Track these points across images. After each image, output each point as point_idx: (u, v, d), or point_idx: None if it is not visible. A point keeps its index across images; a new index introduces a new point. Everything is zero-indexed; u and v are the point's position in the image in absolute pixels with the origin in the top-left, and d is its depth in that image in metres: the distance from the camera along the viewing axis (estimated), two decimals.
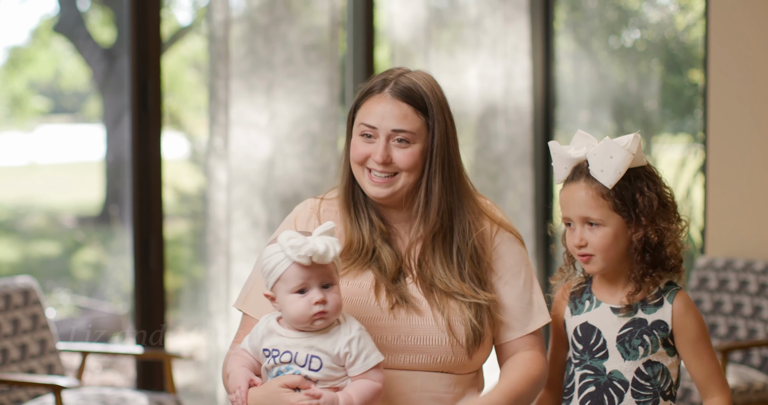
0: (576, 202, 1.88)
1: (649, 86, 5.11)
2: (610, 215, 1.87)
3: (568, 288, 2.02)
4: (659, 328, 1.89)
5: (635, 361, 1.89)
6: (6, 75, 4.81)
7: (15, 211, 4.85)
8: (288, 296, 1.87)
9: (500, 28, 4.97)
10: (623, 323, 1.90)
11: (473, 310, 2.02)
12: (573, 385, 1.96)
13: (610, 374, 1.90)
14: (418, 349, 2.00)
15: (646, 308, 1.90)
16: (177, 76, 5.19)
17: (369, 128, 2.03)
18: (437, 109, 2.05)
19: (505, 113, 5.01)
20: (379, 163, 2.01)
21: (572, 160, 1.92)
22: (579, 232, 1.89)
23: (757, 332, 4.04)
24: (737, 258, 4.23)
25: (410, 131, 2.02)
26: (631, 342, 1.89)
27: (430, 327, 2.01)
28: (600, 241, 1.87)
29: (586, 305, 1.97)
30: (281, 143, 4.23)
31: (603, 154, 1.85)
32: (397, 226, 2.11)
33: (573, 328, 1.97)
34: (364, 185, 2.05)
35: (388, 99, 2.03)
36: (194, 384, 4.64)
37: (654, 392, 1.90)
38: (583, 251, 1.89)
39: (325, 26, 4.33)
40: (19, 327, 3.56)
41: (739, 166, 4.35)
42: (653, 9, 5.22)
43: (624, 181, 1.86)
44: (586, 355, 1.94)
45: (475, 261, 2.07)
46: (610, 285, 1.95)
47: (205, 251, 4.18)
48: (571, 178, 1.92)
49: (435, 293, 2.04)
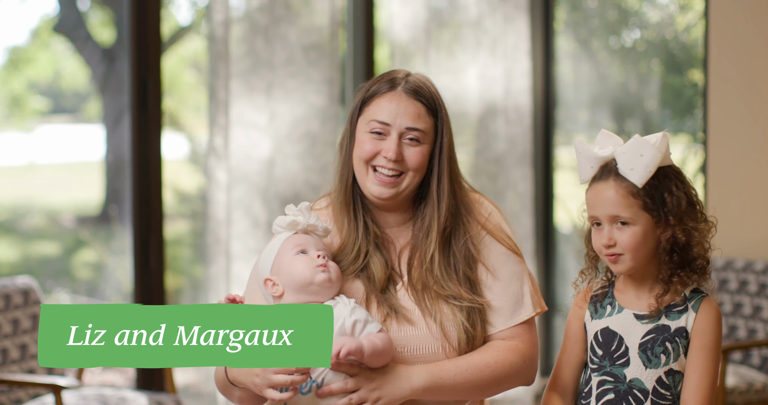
0: (605, 201, 1.86)
1: (649, 86, 5.11)
2: (640, 214, 1.85)
3: (589, 291, 1.99)
4: (681, 335, 1.86)
5: (657, 369, 1.86)
6: (6, 75, 4.81)
7: (15, 211, 4.85)
8: (290, 260, 1.96)
9: (500, 28, 4.97)
10: (646, 330, 1.87)
11: (465, 312, 2.01)
12: (590, 391, 1.93)
13: (630, 382, 1.87)
14: (413, 360, 1.99)
15: (670, 314, 1.87)
16: (177, 76, 5.19)
17: (381, 125, 2.01)
18: (444, 110, 2.07)
19: (505, 113, 5.01)
20: (391, 159, 2.00)
21: (599, 159, 1.89)
22: (608, 231, 1.86)
23: (757, 332, 4.04)
24: (737, 258, 4.23)
25: (423, 130, 2.02)
26: (654, 349, 1.86)
27: (423, 336, 2.00)
28: (629, 239, 1.84)
29: (608, 310, 1.93)
30: (281, 143, 4.23)
31: (633, 152, 1.83)
32: (389, 231, 2.10)
33: (593, 333, 1.94)
34: (366, 185, 2.03)
35: (403, 97, 2.02)
36: (194, 384, 4.63)
37: (673, 402, 1.87)
38: (611, 251, 1.86)
39: (325, 26, 4.33)
40: (19, 327, 3.56)
41: (739, 166, 4.35)
42: (653, 9, 5.22)
43: (653, 180, 1.84)
44: (606, 362, 1.91)
45: (469, 263, 2.06)
46: (635, 289, 1.91)
47: (205, 251, 4.18)
48: (598, 177, 1.88)
49: (426, 299, 2.02)
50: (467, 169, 4.99)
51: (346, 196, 2.08)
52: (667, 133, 1.88)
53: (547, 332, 5.22)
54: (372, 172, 2.03)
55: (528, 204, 5.08)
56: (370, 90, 2.06)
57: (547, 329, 5.23)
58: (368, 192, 2.04)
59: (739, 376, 3.87)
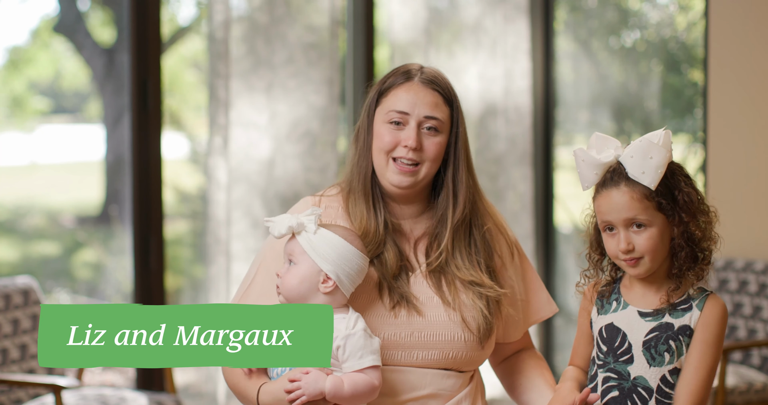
0: (620, 206, 1.85)
1: (649, 86, 5.11)
2: (656, 215, 1.85)
3: (598, 284, 2.00)
4: (685, 333, 1.87)
5: (661, 367, 1.86)
6: (6, 75, 4.80)
7: (15, 211, 4.85)
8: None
9: (500, 29, 4.97)
10: (650, 327, 1.88)
11: (484, 300, 2.04)
12: (596, 386, 1.93)
13: (634, 380, 1.88)
14: (429, 346, 2.01)
15: (674, 313, 1.88)
16: (177, 76, 5.19)
17: (400, 114, 2.04)
18: (458, 101, 2.10)
19: (505, 113, 5.01)
20: (411, 147, 2.02)
21: (603, 165, 1.88)
22: (624, 236, 1.86)
23: (757, 332, 4.04)
24: (737, 258, 4.23)
25: (441, 120, 2.05)
26: (657, 347, 1.86)
27: (442, 323, 2.02)
28: (647, 242, 1.85)
29: (613, 305, 1.94)
30: (281, 143, 4.23)
31: (642, 155, 1.83)
32: (403, 222, 2.12)
33: (598, 329, 1.95)
34: (386, 175, 2.05)
35: (420, 87, 2.05)
36: (194, 384, 4.63)
37: None
38: (630, 255, 1.86)
39: (325, 26, 4.33)
40: (19, 327, 3.56)
41: (739, 166, 4.35)
42: (653, 9, 5.21)
43: (662, 179, 1.85)
44: (610, 358, 1.91)
45: (489, 253, 2.10)
46: (642, 287, 1.92)
47: (205, 251, 4.19)
48: (608, 183, 1.87)
49: (445, 287, 2.05)
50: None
51: (365, 187, 2.09)
52: (669, 130, 1.89)
53: (547, 332, 5.22)
54: (392, 162, 2.05)
55: (528, 204, 5.08)
56: (386, 82, 2.09)
57: (547, 329, 5.23)
58: (387, 182, 2.06)
59: (739, 376, 3.87)
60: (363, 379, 1.87)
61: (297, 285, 1.94)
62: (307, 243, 1.93)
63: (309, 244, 1.93)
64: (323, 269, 1.92)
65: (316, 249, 1.93)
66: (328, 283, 1.93)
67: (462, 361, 2.04)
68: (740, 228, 4.30)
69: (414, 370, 2.02)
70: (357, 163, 2.10)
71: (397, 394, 2.00)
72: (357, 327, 1.90)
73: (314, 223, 1.94)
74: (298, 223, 1.94)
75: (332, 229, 1.96)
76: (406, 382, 2.01)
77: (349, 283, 1.93)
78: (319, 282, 1.93)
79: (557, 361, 5.19)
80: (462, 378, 2.06)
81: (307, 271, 1.93)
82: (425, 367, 2.02)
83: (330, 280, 1.92)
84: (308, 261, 1.93)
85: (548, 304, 2.21)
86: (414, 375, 2.01)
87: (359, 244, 1.95)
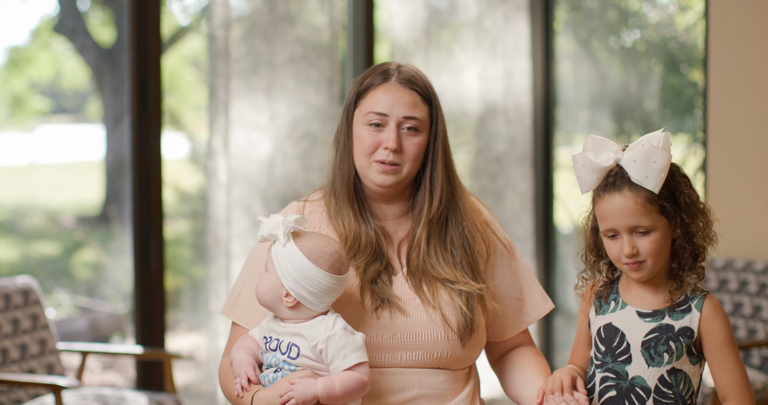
0: (624, 212, 1.84)
1: (649, 86, 5.11)
2: (659, 219, 1.85)
3: (594, 286, 2.00)
4: (685, 334, 1.87)
5: (659, 368, 1.86)
6: (6, 75, 4.80)
7: (15, 211, 4.85)
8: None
9: (500, 28, 4.97)
10: (649, 328, 1.88)
11: (464, 297, 2.03)
12: (593, 387, 1.93)
13: (632, 380, 1.88)
14: (412, 346, 2.01)
15: (673, 314, 1.88)
16: (177, 76, 5.19)
17: (379, 116, 2.03)
18: (436, 99, 2.09)
19: (505, 113, 5.01)
20: (392, 149, 2.01)
21: (603, 169, 1.87)
22: (628, 241, 1.85)
23: (757, 332, 4.04)
24: (737, 258, 4.23)
25: (420, 119, 2.04)
26: (657, 348, 1.86)
27: (423, 323, 2.02)
28: (651, 246, 1.84)
29: (611, 306, 1.94)
30: (281, 143, 4.24)
31: (644, 160, 1.82)
32: (387, 224, 2.12)
33: (597, 329, 1.95)
34: (369, 176, 2.05)
35: (398, 87, 2.04)
36: (194, 384, 4.64)
37: (675, 400, 1.87)
38: (634, 259, 1.86)
39: (325, 26, 4.33)
40: (19, 327, 3.56)
41: (739, 166, 4.35)
42: (653, 9, 5.21)
43: (664, 182, 1.85)
44: (608, 358, 1.91)
45: (467, 250, 2.08)
46: (640, 288, 1.92)
47: (205, 251, 4.19)
48: (611, 188, 1.86)
49: (425, 287, 2.05)
50: (467, 170, 4.99)
51: (349, 190, 2.08)
52: (668, 132, 1.88)
53: (547, 332, 5.22)
54: (374, 163, 2.04)
55: (528, 204, 5.08)
56: (363, 83, 2.07)
57: (547, 329, 5.23)
58: (371, 182, 2.05)
59: None
60: (352, 377, 1.87)
61: (263, 294, 1.93)
62: (275, 255, 1.91)
63: (276, 256, 1.91)
64: (284, 285, 1.90)
65: (280, 264, 1.90)
66: (289, 299, 1.90)
67: (448, 360, 2.03)
68: (740, 228, 4.30)
69: (400, 370, 2.01)
70: (338, 165, 2.09)
71: (385, 395, 1.99)
72: (336, 327, 1.89)
73: (284, 235, 1.90)
74: (270, 233, 1.91)
75: (304, 243, 1.91)
76: (393, 383, 2.00)
77: (315, 300, 1.90)
78: (282, 295, 1.91)
79: (557, 361, 5.19)
80: (455, 375, 2.06)
81: (273, 283, 1.91)
82: (411, 367, 2.02)
83: (291, 296, 1.90)
84: (275, 272, 1.92)
85: (543, 301, 2.20)
86: (400, 376, 2.01)
87: (330, 262, 1.90)
